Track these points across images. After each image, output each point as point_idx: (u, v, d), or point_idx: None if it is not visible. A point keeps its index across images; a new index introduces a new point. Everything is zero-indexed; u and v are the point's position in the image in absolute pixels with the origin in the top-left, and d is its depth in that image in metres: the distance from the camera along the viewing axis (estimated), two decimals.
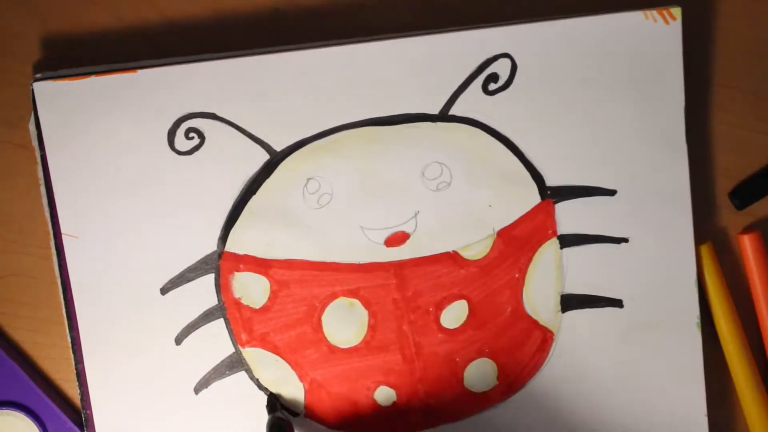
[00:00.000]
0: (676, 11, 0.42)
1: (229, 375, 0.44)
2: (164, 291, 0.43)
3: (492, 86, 0.43)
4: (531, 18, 0.43)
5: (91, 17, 0.44)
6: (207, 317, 0.43)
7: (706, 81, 0.45)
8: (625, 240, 0.44)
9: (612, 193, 0.43)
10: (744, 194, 0.45)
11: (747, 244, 0.45)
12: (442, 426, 0.44)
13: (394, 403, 0.44)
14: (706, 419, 0.44)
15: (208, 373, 0.44)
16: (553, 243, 0.44)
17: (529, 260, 0.44)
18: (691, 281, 0.44)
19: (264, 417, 0.44)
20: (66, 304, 0.43)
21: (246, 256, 0.43)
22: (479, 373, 0.44)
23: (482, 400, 0.44)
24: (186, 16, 0.44)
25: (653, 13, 0.42)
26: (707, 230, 0.45)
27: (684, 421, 0.44)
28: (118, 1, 0.44)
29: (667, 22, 0.42)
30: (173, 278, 0.43)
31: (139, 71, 0.42)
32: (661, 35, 0.42)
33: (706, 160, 0.45)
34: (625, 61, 0.43)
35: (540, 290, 0.44)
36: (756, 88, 0.45)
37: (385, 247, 0.43)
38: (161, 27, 0.44)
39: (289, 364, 0.44)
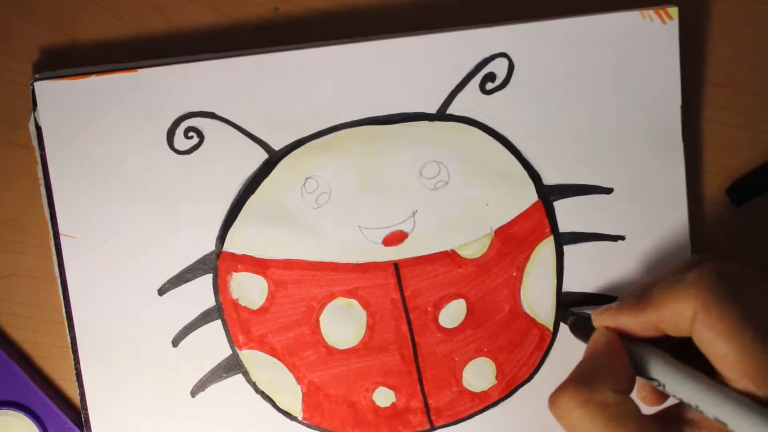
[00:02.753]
0: (673, 11, 0.42)
1: (226, 378, 0.44)
2: (162, 292, 0.43)
3: (489, 85, 0.43)
4: (528, 18, 0.43)
5: (91, 18, 0.44)
6: (204, 318, 0.43)
7: (703, 80, 0.45)
8: (622, 237, 0.43)
9: (609, 191, 0.43)
10: (741, 191, 0.45)
11: None
12: (441, 426, 0.44)
13: (393, 404, 0.44)
14: None
15: (205, 375, 0.43)
16: (550, 241, 0.43)
17: (527, 259, 0.44)
18: None
19: (260, 420, 0.44)
20: (66, 304, 0.43)
21: (244, 256, 0.43)
22: (478, 372, 0.44)
23: (481, 399, 0.44)
24: (186, 17, 0.44)
25: (650, 12, 0.42)
26: (704, 227, 0.45)
27: None
28: (117, 1, 0.44)
29: (663, 21, 0.42)
30: (171, 279, 0.43)
31: (139, 71, 0.42)
32: (658, 35, 0.42)
33: (703, 157, 0.45)
34: (622, 61, 0.43)
35: (537, 288, 0.44)
36: (752, 87, 0.45)
37: (383, 246, 0.43)
38: (161, 27, 0.44)
39: (287, 366, 0.44)
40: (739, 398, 0.31)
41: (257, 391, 0.44)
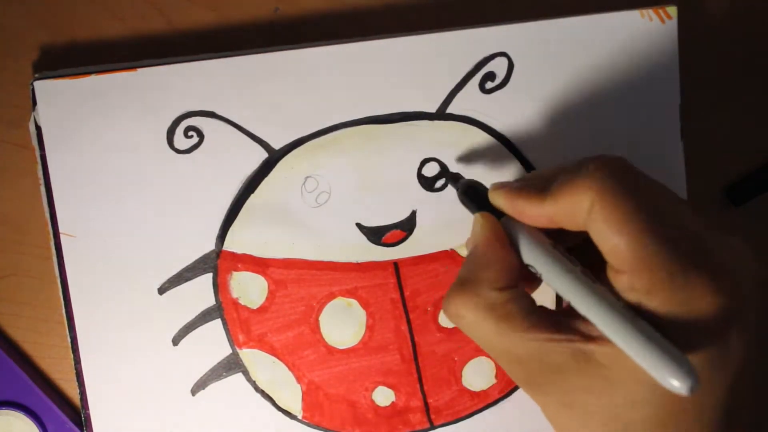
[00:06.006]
0: (672, 10, 0.42)
1: (226, 377, 0.44)
2: (162, 291, 0.43)
3: (489, 84, 0.43)
4: (527, 17, 0.43)
5: (92, 17, 0.44)
6: (204, 317, 0.43)
7: (702, 79, 0.45)
8: None
9: None
10: (741, 191, 0.45)
11: None
12: (441, 425, 0.44)
13: (393, 404, 0.44)
14: None
15: (205, 374, 0.43)
16: None
17: None
18: None
19: (260, 419, 0.44)
20: (66, 303, 0.43)
21: (244, 255, 0.43)
22: (478, 371, 0.44)
23: (481, 399, 0.44)
24: (186, 17, 0.44)
25: (649, 11, 0.42)
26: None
27: None
28: (118, 1, 0.44)
29: (663, 20, 0.43)
30: (171, 278, 0.43)
31: (139, 70, 0.42)
32: (657, 34, 0.43)
33: (703, 157, 0.45)
34: (621, 60, 0.43)
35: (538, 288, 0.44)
36: (752, 86, 0.45)
37: (382, 245, 0.43)
38: (161, 27, 0.44)
39: (287, 365, 0.44)
40: (606, 297, 0.31)
41: (257, 390, 0.44)
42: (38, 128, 0.42)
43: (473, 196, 0.39)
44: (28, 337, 0.45)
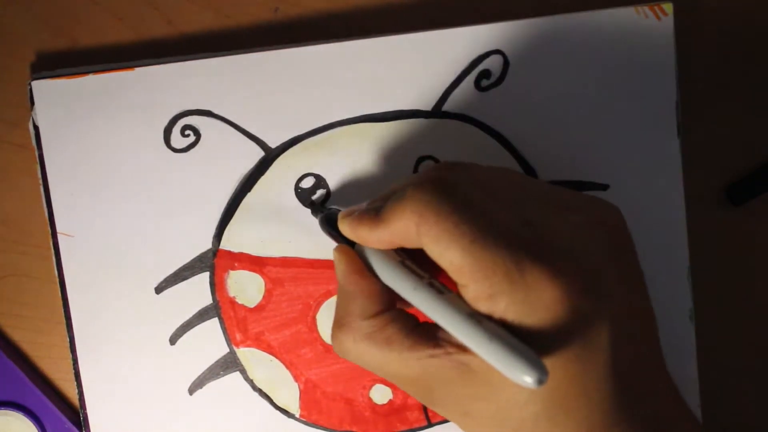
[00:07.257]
0: (668, 7, 0.42)
1: (223, 375, 0.44)
2: (159, 290, 0.43)
3: (484, 82, 0.43)
4: (523, 15, 0.43)
5: (91, 18, 0.44)
6: (201, 316, 0.43)
7: (700, 77, 0.45)
8: None
9: (604, 187, 0.43)
10: (741, 191, 0.44)
11: None
12: (438, 423, 0.44)
13: (390, 401, 0.44)
14: (699, 410, 0.43)
15: (203, 373, 0.43)
16: None
17: None
18: (683, 274, 0.43)
19: (257, 417, 0.44)
20: (64, 303, 0.43)
21: (241, 254, 0.43)
22: None
23: None
24: (186, 17, 0.45)
25: (645, 8, 0.42)
26: (704, 227, 0.45)
27: None
28: (117, 1, 0.44)
29: (658, 17, 0.42)
30: (168, 277, 0.43)
31: (136, 69, 0.42)
32: (652, 31, 0.42)
33: (702, 156, 0.45)
34: (617, 57, 0.43)
35: None
36: (750, 84, 0.45)
37: None
38: (161, 28, 0.45)
39: (284, 364, 0.44)
40: (452, 302, 0.32)
41: (254, 388, 0.44)
42: (36, 128, 0.43)
43: (332, 226, 0.39)
44: (27, 337, 0.45)
